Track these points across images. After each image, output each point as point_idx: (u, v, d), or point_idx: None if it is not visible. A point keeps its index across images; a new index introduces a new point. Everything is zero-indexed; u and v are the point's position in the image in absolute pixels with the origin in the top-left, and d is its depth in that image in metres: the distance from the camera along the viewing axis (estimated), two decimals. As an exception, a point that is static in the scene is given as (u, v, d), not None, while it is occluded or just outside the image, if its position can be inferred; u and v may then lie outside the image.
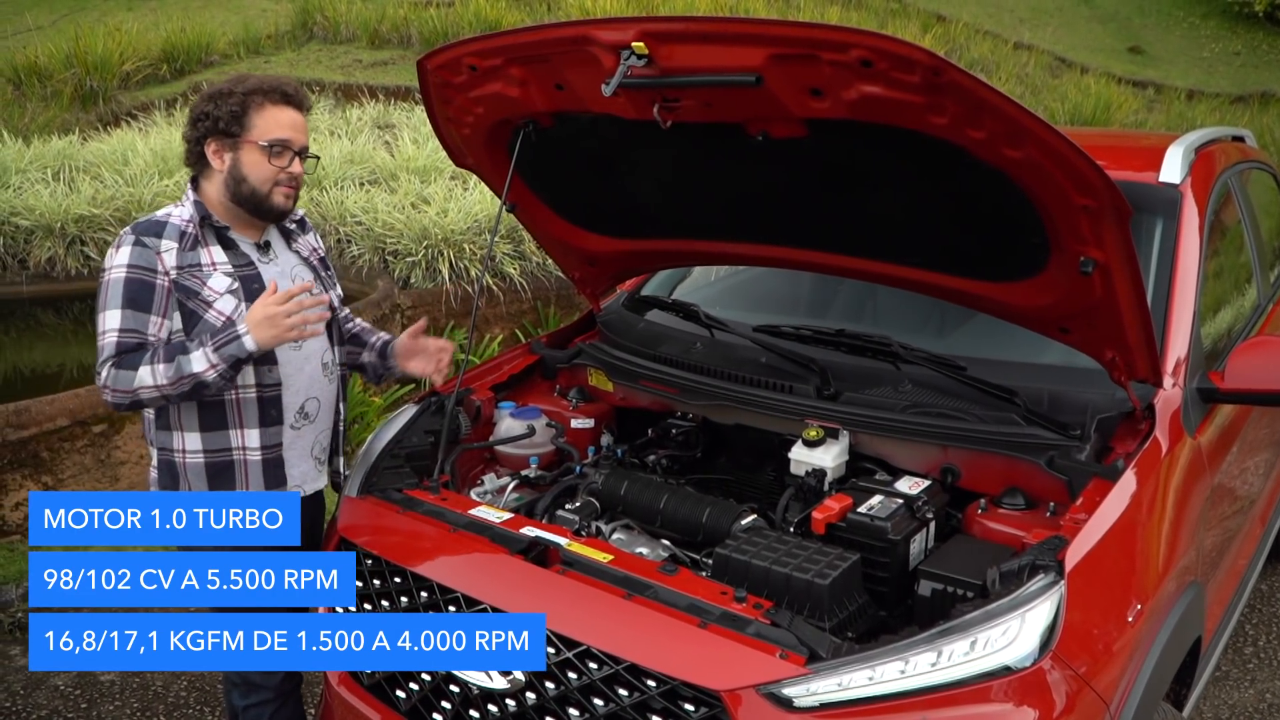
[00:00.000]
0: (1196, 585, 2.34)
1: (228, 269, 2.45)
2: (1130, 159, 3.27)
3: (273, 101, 2.45)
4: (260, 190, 2.45)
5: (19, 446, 4.30)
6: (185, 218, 2.45)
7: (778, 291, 3.41)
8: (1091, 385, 2.39)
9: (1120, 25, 14.79)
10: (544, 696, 1.99)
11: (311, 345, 2.58)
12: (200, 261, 2.43)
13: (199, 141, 2.47)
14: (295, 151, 2.47)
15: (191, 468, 2.48)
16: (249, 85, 2.46)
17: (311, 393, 2.58)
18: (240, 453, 2.49)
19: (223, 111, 2.42)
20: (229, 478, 2.49)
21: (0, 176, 7.15)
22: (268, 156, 2.43)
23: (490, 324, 6.56)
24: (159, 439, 2.52)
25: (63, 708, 3.38)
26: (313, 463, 2.65)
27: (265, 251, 2.56)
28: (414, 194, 7.12)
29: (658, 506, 2.41)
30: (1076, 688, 1.84)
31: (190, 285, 2.40)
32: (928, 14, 13.54)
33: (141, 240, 2.38)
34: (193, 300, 2.40)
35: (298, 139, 2.48)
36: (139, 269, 2.36)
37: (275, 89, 2.47)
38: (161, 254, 2.38)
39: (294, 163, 2.47)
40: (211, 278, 2.43)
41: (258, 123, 2.43)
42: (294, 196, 2.51)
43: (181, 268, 2.40)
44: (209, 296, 2.41)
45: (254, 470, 2.50)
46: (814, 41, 1.85)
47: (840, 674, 1.78)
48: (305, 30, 11.83)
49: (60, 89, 9.53)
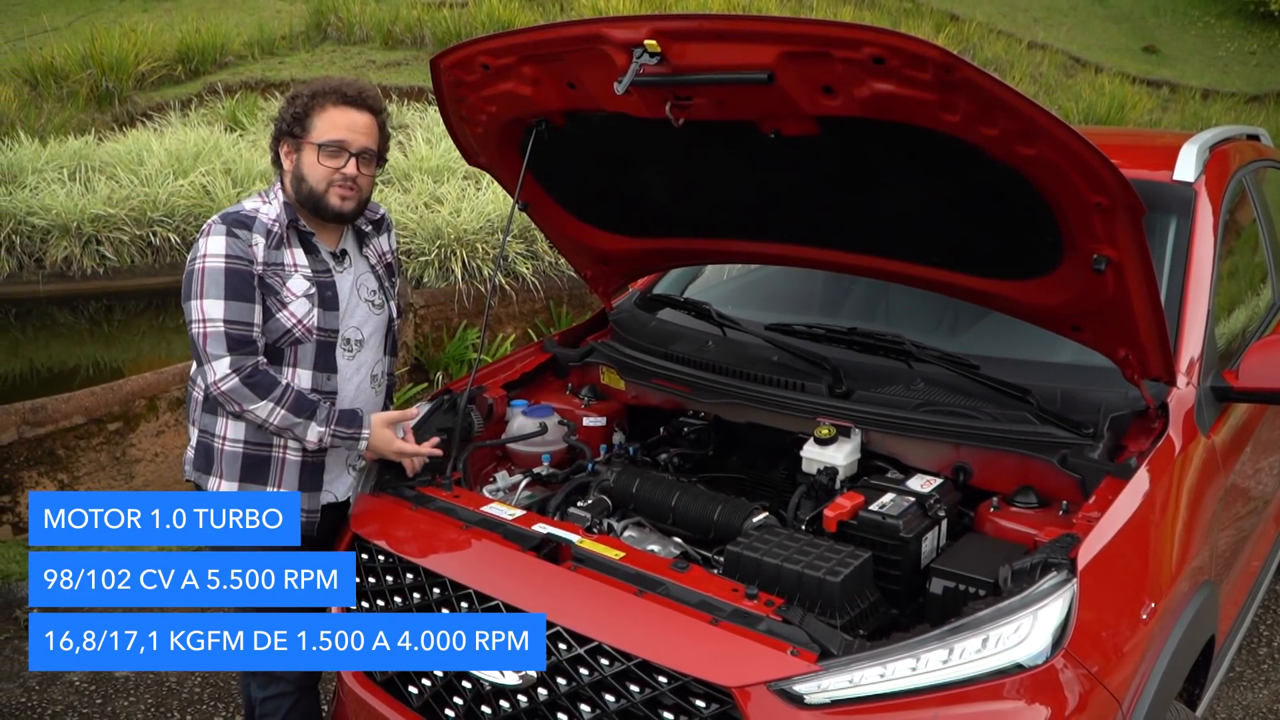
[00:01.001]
0: (1210, 584, 2.33)
1: (307, 273, 2.49)
2: (1144, 157, 3.26)
3: (333, 103, 2.48)
4: (317, 190, 2.47)
5: (35, 444, 4.33)
6: (272, 216, 2.48)
7: (791, 290, 3.41)
8: (1105, 384, 2.38)
9: (1135, 25, 14.71)
10: (556, 693, 1.99)
11: (364, 356, 2.62)
12: (284, 261, 2.47)
13: (276, 142, 2.53)
14: (353, 153, 2.48)
15: (228, 455, 2.50)
16: (315, 87, 2.51)
17: (358, 402, 2.60)
18: (280, 450, 2.52)
19: (290, 113, 2.48)
20: (263, 472, 2.52)
21: (17, 176, 7.20)
22: (320, 156, 2.46)
23: (503, 323, 6.58)
24: (202, 421, 2.54)
25: (78, 703, 3.40)
26: (345, 468, 2.68)
27: (340, 260, 2.59)
28: (427, 194, 7.13)
29: (669, 504, 2.42)
30: (1089, 686, 1.84)
31: (272, 283, 2.44)
32: (941, 13, 13.48)
33: (234, 231, 2.41)
34: (272, 298, 2.44)
35: (355, 140, 2.48)
36: (235, 259, 2.39)
37: (335, 90, 2.49)
38: (253, 246, 2.42)
39: (350, 164, 2.48)
40: (291, 279, 2.47)
41: (317, 124, 2.47)
42: (352, 199, 2.51)
43: (268, 264, 2.43)
44: (286, 298, 2.45)
45: (291, 469, 2.53)
46: (826, 39, 1.86)
47: (851, 671, 1.78)
48: (319, 31, 11.86)
49: (76, 89, 9.58)
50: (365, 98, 2.53)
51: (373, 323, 2.64)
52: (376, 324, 2.66)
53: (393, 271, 2.76)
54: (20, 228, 6.61)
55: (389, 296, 2.71)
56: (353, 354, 2.58)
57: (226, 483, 2.52)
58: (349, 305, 2.57)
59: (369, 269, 2.67)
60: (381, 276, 2.70)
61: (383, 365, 2.72)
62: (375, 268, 2.69)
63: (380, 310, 2.67)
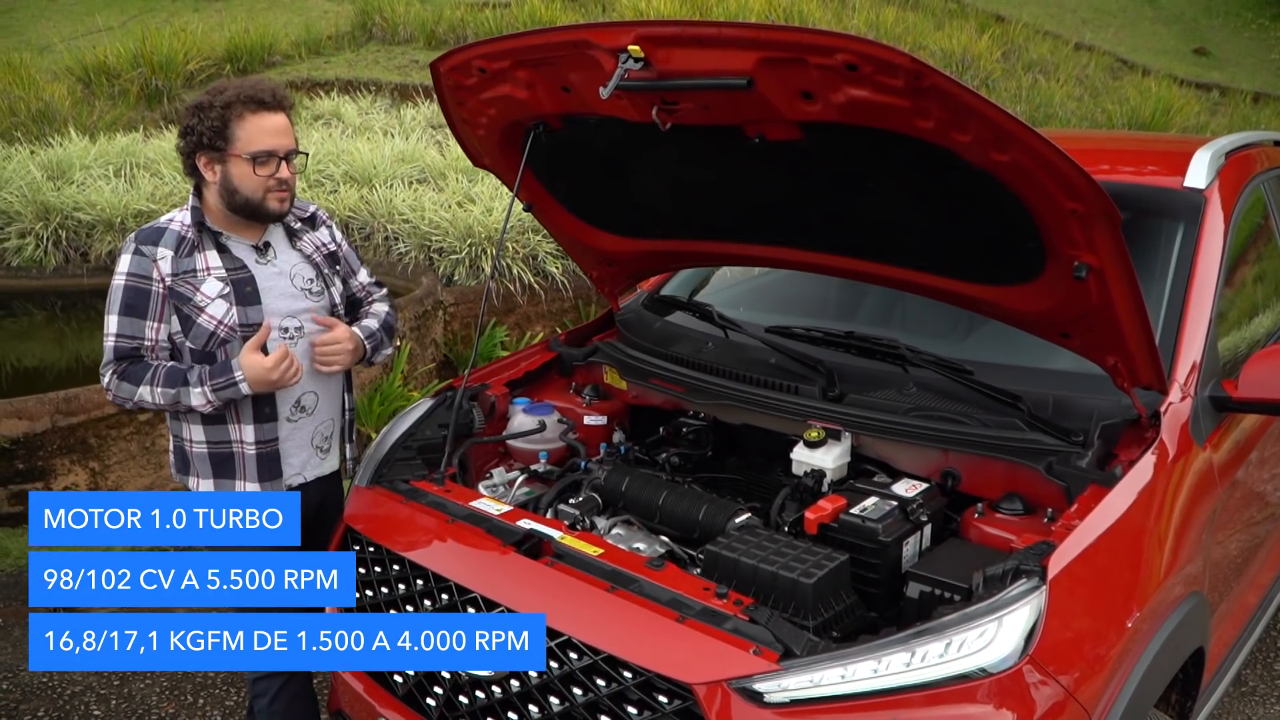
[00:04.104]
0: (1198, 596, 2.31)
1: (220, 274, 2.52)
2: (1158, 163, 3.23)
3: (251, 111, 2.47)
4: (253, 199, 2.51)
5: (68, 433, 4.47)
6: (185, 223, 2.53)
7: (803, 294, 3.42)
8: (1100, 391, 2.37)
9: (1185, 26, 14.45)
10: (527, 684, 2.03)
11: (308, 341, 2.65)
12: (195, 267, 2.51)
13: (190, 155, 2.52)
14: (281, 157, 2.50)
15: (198, 455, 2.59)
16: (226, 96, 2.47)
17: (308, 387, 2.65)
18: (239, 445, 2.59)
19: (206, 126, 2.46)
20: (229, 467, 2.60)
21: (66, 172, 7.42)
22: (254, 168, 2.47)
23: (531, 322, 6.64)
24: (173, 427, 2.65)
25: (96, 684, 3.51)
26: (313, 451, 2.72)
27: (264, 253, 2.62)
28: (461, 193, 7.23)
29: (656, 503, 2.44)
30: (1055, 693, 1.84)
31: (184, 291, 2.49)
32: (986, 14, 13.35)
33: (140, 249, 2.48)
34: (187, 306, 2.49)
35: (282, 144, 2.50)
36: (136, 277, 2.47)
37: (251, 97, 2.48)
38: (157, 261, 2.47)
39: (281, 168, 2.51)
40: (205, 283, 2.50)
41: (240, 135, 2.46)
42: (288, 199, 2.56)
43: (176, 274, 2.48)
44: (201, 302, 2.49)
45: (250, 462, 2.60)
46: (801, 45, 1.88)
47: (812, 671, 1.80)
48: (365, 31, 12.06)
49: (127, 88, 9.84)
50: (279, 98, 2.53)
51: (311, 310, 2.66)
52: (316, 311, 2.67)
53: (335, 260, 2.78)
54: (67, 222, 6.82)
55: (329, 284, 2.72)
56: (294, 340, 2.60)
57: (204, 481, 2.61)
58: (276, 296, 2.59)
59: (304, 259, 2.69)
60: (320, 265, 2.72)
61: None
62: (312, 257, 2.71)
63: (320, 298, 2.68)
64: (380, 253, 6.75)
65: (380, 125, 9.28)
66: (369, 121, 9.40)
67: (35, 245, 6.72)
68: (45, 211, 6.82)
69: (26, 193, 6.89)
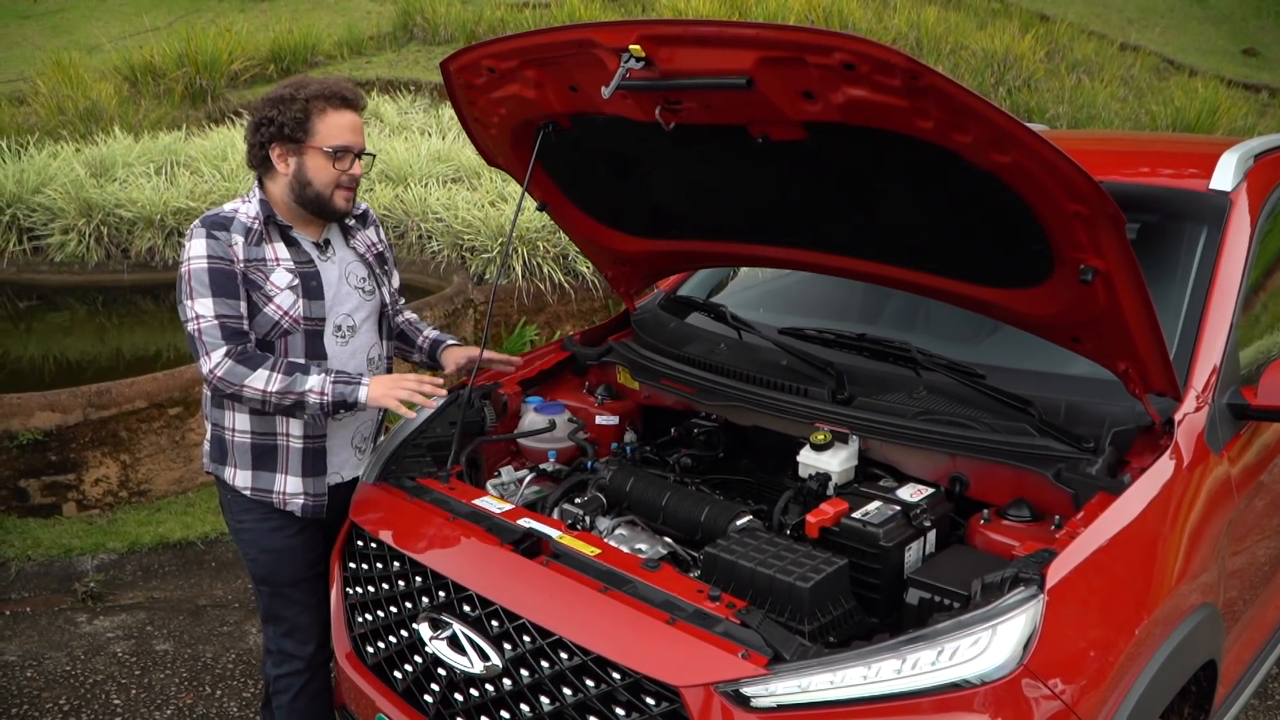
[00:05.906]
0: (1209, 608, 2.26)
1: (289, 265, 2.57)
2: (1185, 165, 3.16)
3: (334, 106, 2.54)
4: (324, 193, 2.55)
5: (100, 426, 4.55)
6: (251, 215, 2.56)
7: (824, 296, 3.39)
8: (1114, 397, 2.33)
9: (1234, 26, 14.14)
10: (519, 683, 2.03)
11: (358, 341, 2.69)
12: (265, 257, 2.54)
13: (263, 146, 2.56)
14: (355, 154, 2.57)
15: (239, 446, 2.62)
16: (310, 90, 2.54)
17: None
18: (284, 438, 2.61)
19: (287, 117, 2.51)
20: (271, 460, 2.62)
21: (109, 170, 7.56)
22: (331, 161, 2.53)
23: (561, 320, 6.66)
24: (214, 415, 2.66)
25: (118, 673, 3.57)
26: (352, 451, 2.76)
27: (324, 250, 2.67)
28: (494, 192, 7.26)
29: (659, 504, 2.44)
30: (1051, 704, 1.80)
31: (255, 279, 2.52)
32: (1030, 13, 13.16)
33: (213, 234, 2.50)
34: (256, 293, 2.52)
35: (357, 141, 2.57)
36: (216, 259, 2.49)
37: (336, 94, 2.54)
38: (233, 245, 2.50)
39: (354, 164, 2.57)
40: (274, 273, 2.54)
41: (320, 128, 2.52)
42: (353, 199, 2.61)
43: (249, 261, 2.52)
44: (271, 291, 2.53)
45: (294, 456, 2.62)
46: (798, 45, 1.86)
47: (801, 676, 1.78)
48: (406, 31, 12.15)
49: (172, 87, 9.99)
50: (358, 97, 2.60)
51: (365, 309, 2.72)
52: (369, 310, 2.73)
53: (384, 260, 2.84)
54: (108, 219, 6.95)
55: (380, 284, 2.78)
56: (345, 340, 2.65)
57: (241, 472, 2.63)
58: (337, 293, 2.64)
59: (357, 258, 2.75)
60: (372, 264, 2.77)
61: (379, 349, 2.79)
62: (364, 256, 2.76)
63: (371, 297, 2.74)
64: (414, 251, 6.80)
65: (418, 125, 9.35)
66: (407, 121, 9.47)
67: (78, 241, 6.86)
68: (88, 208, 6.95)
69: (70, 190, 7.03)
